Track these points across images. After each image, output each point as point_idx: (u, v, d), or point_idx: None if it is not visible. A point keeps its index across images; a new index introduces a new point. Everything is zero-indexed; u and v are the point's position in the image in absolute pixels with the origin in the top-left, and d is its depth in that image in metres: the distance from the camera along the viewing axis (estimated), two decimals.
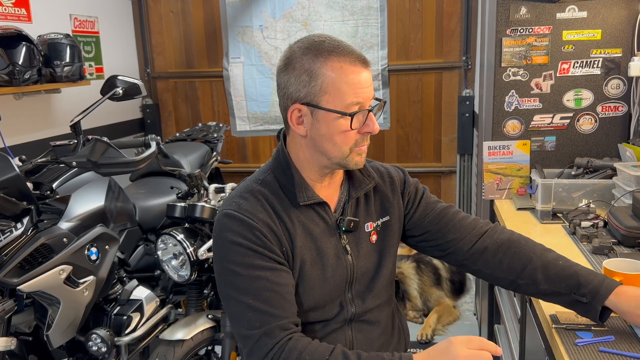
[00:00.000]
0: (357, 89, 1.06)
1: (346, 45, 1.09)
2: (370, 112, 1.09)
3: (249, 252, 1.07)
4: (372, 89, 1.10)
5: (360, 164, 1.14)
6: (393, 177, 1.28)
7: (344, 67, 1.06)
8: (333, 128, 1.08)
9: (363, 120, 1.09)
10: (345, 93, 1.06)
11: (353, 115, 1.07)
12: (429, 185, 3.72)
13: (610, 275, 1.18)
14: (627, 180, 1.79)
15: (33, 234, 1.61)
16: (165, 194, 2.34)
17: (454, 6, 3.50)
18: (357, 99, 1.07)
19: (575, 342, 1.09)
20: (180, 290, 2.23)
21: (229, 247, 1.09)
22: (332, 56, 1.06)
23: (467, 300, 3.27)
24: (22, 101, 2.81)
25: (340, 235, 1.18)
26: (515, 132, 2.24)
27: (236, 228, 1.08)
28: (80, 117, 1.76)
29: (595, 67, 2.13)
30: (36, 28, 2.86)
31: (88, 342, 1.79)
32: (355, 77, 1.06)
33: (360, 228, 1.20)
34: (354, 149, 1.11)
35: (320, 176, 1.17)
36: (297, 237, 1.12)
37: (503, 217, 2.00)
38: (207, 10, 3.83)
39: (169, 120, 4.07)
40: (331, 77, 1.06)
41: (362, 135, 1.10)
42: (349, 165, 1.13)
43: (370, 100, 1.09)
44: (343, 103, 1.06)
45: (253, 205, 1.11)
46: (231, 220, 1.10)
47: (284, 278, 1.09)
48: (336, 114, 1.07)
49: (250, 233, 1.08)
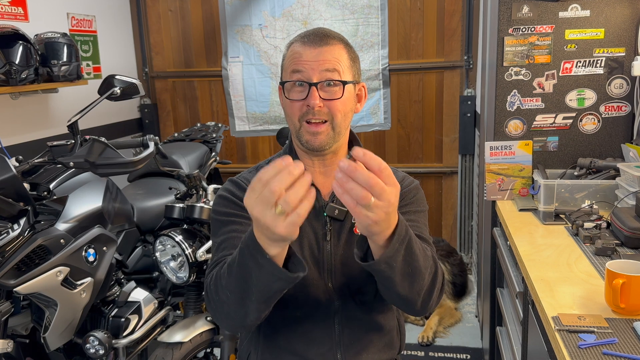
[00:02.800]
0: (297, 60, 1.13)
1: (316, 30, 1.17)
2: (314, 86, 1.11)
3: (230, 204, 1.19)
4: (322, 64, 1.12)
5: (313, 143, 1.15)
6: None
7: (295, 46, 1.16)
8: (281, 98, 1.19)
9: (306, 93, 1.12)
10: (287, 65, 1.16)
11: (284, 84, 1.16)
12: (430, 186, 3.72)
13: (614, 277, 1.17)
14: (631, 181, 1.78)
15: (30, 235, 1.61)
16: (163, 194, 2.33)
17: (455, 5, 3.48)
18: (297, 67, 1.13)
19: (578, 345, 1.09)
20: (179, 292, 2.22)
21: (217, 200, 1.23)
22: (295, 39, 1.17)
23: (469, 302, 3.26)
24: (19, 101, 2.79)
25: (326, 221, 1.20)
26: (517, 132, 2.23)
27: (229, 187, 1.23)
28: (77, 117, 1.76)
29: (598, 66, 2.12)
30: (33, 27, 2.85)
31: (85, 345, 1.79)
32: (299, 51, 1.14)
33: (348, 218, 1.20)
34: (303, 123, 1.15)
35: (309, 158, 1.22)
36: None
37: (505, 218, 1.98)
38: (206, 9, 3.81)
39: (167, 120, 4.05)
40: (287, 56, 1.17)
41: (308, 108, 1.13)
42: (302, 141, 1.17)
43: (319, 75, 1.12)
44: (287, 73, 1.16)
45: (252, 176, 1.19)
46: (228, 182, 1.25)
47: None
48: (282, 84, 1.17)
49: (238, 191, 1.20)
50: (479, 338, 2.85)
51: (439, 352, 2.78)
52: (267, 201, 0.81)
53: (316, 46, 1.13)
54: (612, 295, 1.19)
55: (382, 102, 3.66)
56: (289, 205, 0.81)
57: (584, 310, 1.24)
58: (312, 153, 1.20)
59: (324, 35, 1.15)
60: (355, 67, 1.19)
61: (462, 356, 2.74)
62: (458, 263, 3.29)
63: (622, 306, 1.18)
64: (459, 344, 2.83)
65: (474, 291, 3.29)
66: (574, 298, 1.31)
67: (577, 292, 1.34)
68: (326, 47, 1.13)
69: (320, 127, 1.14)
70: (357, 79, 1.19)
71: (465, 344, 2.83)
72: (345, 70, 1.15)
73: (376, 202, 0.85)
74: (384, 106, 3.66)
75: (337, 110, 1.14)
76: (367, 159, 0.84)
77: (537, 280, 1.42)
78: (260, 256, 0.90)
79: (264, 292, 0.96)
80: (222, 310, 1.05)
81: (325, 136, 1.15)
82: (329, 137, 1.15)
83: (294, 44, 1.16)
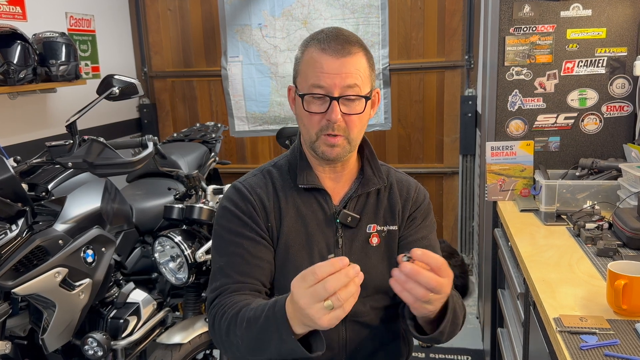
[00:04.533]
0: (319, 73, 1.09)
1: (335, 34, 1.12)
2: (335, 100, 1.09)
3: (235, 219, 1.16)
4: (344, 79, 1.09)
5: (330, 155, 1.13)
6: (410, 193, 1.26)
7: (314, 52, 1.11)
8: (299, 108, 1.14)
9: (326, 107, 1.10)
10: (308, 75, 1.11)
11: (303, 96, 1.11)
12: (431, 186, 3.71)
13: (615, 278, 1.17)
14: (633, 182, 1.77)
15: (28, 236, 1.60)
16: (162, 195, 2.32)
17: (456, 4, 3.47)
18: (318, 82, 1.09)
19: (579, 346, 1.08)
20: (178, 293, 2.21)
21: (221, 212, 1.20)
22: (312, 42, 1.12)
23: (470, 303, 3.25)
24: (17, 101, 2.78)
25: (337, 228, 1.19)
26: (518, 132, 2.22)
27: (233, 197, 1.19)
28: (76, 117, 1.75)
29: (600, 66, 2.11)
30: (31, 26, 2.84)
31: (84, 346, 1.79)
32: (320, 61, 1.09)
33: (361, 227, 1.20)
34: (321, 135, 1.12)
35: (319, 164, 1.20)
36: (287, 217, 1.17)
37: (506, 219, 1.97)
38: (205, 8, 3.80)
39: (167, 120, 4.04)
40: (304, 60, 1.13)
41: (328, 122, 1.10)
42: (317, 152, 1.14)
43: (340, 89, 1.09)
44: (306, 85, 1.11)
45: (258, 181, 1.21)
46: (232, 190, 1.21)
47: (261, 251, 1.15)
48: (301, 95, 1.13)
49: (242, 203, 1.17)
50: (480, 339, 2.85)
51: (439, 354, 2.77)
52: (318, 296, 0.84)
53: (338, 56, 1.09)
54: (614, 296, 1.18)
55: (382, 102, 3.65)
56: (340, 303, 0.84)
57: (585, 311, 1.24)
58: (324, 161, 1.18)
59: (345, 42, 1.10)
60: (373, 74, 1.17)
61: (463, 358, 2.73)
62: (459, 264, 3.27)
63: (624, 307, 1.17)
64: (460, 346, 2.82)
65: (475, 292, 3.28)
66: (576, 299, 1.30)
67: (579, 293, 1.33)
68: (349, 57, 1.09)
69: (338, 139, 1.12)
70: (373, 86, 1.17)
71: (466, 345, 2.82)
72: (365, 82, 1.12)
73: (434, 296, 0.92)
74: (385, 106, 3.66)
75: (354, 126, 1.13)
76: (425, 259, 0.91)
77: (538, 281, 1.42)
78: (286, 333, 0.92)
79: (279, 357, 0.98)
80: (228, 348, 1.08)
81: (341, 149, 1.14)
82: (345, 150, 1.14)
83: (312, 49, 1.12)
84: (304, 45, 1.15)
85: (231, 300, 1.09)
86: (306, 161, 1.20)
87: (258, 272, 1.14)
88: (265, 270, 1.15)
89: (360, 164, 1.26)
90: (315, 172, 1.20)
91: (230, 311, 1.06)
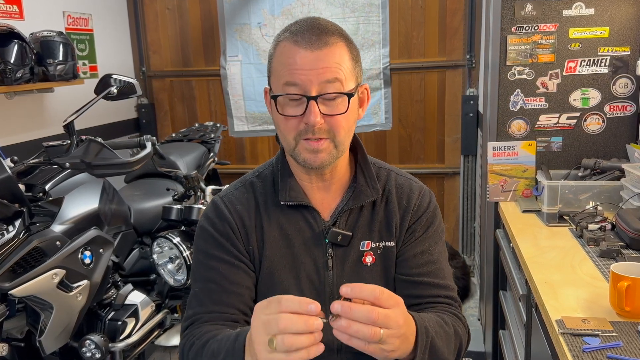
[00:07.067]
0: (292, 69, 0.94)
1: (310, 24, 0.98)
2: (313, 100, 0.94)
3: (210, 239, 1.06)
4: (321, 74, 0.94)
5: (313, 163, 0.99)
6: (410, 201, 1.11)
7: (285, 47, 0.97)
8: (274, 112, 1.00)
9: (303, 108, 0.95)
10: (281, 73, 0.96)
11: (275, 98, 0.97)
12: (432, 187, 3.69)
13: (618, 279, 1.16)
14: (636, 182, 1.76)
15: (25, 237, 1.61)
16: (161, 196, 2.32)
17: (457, 3, 3.46)
18: (291, 79, 0.95)
19: (582, 348, 1.07)
20: (177, 295, 2.21)
21: (198, 231, 1.10)
22: (284, 35, 0.99)
23: (472, 305, 3.24)
24: (14, 100, 2.77)
25: (327, 248, 1.06)
26: (520, 132, 2.21)
27: (211, 214, 1.08)
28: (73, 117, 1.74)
29: (602, 65, 2.10)
30: (28, 25, 2.82)
31: (82, 348, 1.79)
32: (292, 56, 0.95)
33: (354, 244, 1.07)
34: (300, 140, 0.98)
35: (305, 174, 1.06)
36: (269, 238, 1.06)
37: (508, 220, 1.96)
38: (204, 7, 3.79)
39: (165, 120, 4.03)
40: (276, 56, 0.99)
41: (306, 125, 0.96)
42: (299, 160, 1.00)
43: (318, 87, 0.95)
44: (279, 84, 0.97)
45: (239, 196, 1.09)
46: (212, 206, 1.10)
47: (238, 276, 1.05)
48: (273, 97, 0.98)
49: (219, 222, 1.06)
50: (482, 341, 2.83)
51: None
52: (269, 328, 0.75)
53: (313, 48, 0.94)
54: (616, 298, 1.18)
55: (383, 101, 3.63)
56: (283, 347, 0.73)
57: (588, 313, 1.23)
58: (309, 169, 1.04)
59: (321, 32, 0.96)
60: (358, 68, 1.02)
61: None
62: (460, 265, 3.27)
63: (627, 309, 1.16)
64: None
65: (476, 294, 3.27)
66: (578, 301, 1.29)
67: (581, 294, 1.32)
68: (325, 49, 0.95)
69: (322, 143, 0.97)
70: (359, 81, 1.03)
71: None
72: (348, 77, 0.98)
73: (386, 332, 0.78)
74: (385, 106, 3.64)
75: (339, 127, 0.98)
76: (356, 292, 0.78)
77: (540, 282, 1.41)
78: None
79: None
80: None
81: (327, 154, 0.99)
82: (331, 156, 1.00)
83: (284, 42, 0.97)
84: (275, 39, 1.00)
85: (200, 330, 1.01)
86: (289, 172, 1.07)
87: (235, 300, 1.04)
88: (243, 297, 1.04)
89: (354, 170, 1.11)
90: (301, 184, 1.07)
91: (198, 342, 0.99)
